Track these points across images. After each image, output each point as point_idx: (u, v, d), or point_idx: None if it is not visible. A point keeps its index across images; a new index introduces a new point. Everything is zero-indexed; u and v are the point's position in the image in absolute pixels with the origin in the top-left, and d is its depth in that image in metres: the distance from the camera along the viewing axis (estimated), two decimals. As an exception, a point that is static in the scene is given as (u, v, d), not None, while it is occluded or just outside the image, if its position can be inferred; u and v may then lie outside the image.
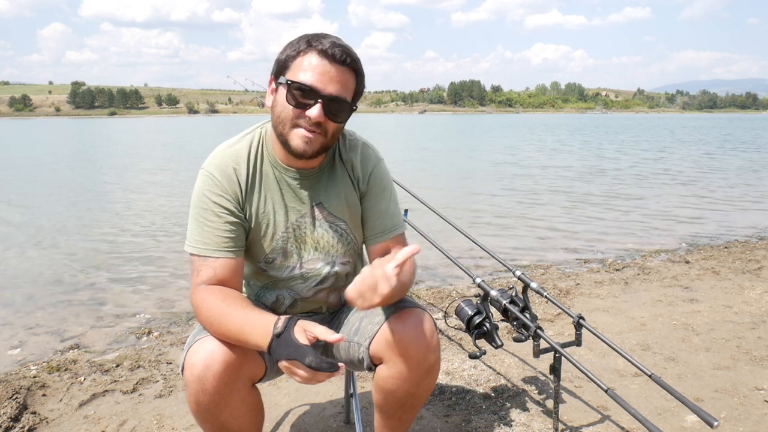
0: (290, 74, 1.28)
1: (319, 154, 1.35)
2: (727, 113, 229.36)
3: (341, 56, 1.27)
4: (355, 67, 1.30)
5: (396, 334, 1.34)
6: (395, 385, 1.39)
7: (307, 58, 1.27)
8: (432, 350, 1.36)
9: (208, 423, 1.30)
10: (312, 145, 1.30)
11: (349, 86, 1.30)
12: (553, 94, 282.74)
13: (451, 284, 4.01)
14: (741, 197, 8.46)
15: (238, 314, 1.24)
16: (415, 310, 1.38)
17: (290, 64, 1.29)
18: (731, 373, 2.43)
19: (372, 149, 1.51)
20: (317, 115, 1.26)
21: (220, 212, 1.35)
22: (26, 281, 4.39)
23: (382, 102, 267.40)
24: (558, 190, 9.47)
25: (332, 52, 1.26)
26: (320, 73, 1.26)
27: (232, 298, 1.29)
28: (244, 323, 1.22)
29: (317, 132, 1.29)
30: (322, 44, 1.27)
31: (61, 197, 9.06)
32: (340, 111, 1.30)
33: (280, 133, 1.32)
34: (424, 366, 1.36)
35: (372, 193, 1.48)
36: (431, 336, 1.36)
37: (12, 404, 2.18)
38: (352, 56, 1.29)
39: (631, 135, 32.54)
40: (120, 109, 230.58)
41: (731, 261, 4.46)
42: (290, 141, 1.30)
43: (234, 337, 1.23)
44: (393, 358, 1.36)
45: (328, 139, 1.33)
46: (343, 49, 1.27)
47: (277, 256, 1.45)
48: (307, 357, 1.12)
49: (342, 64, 1.27)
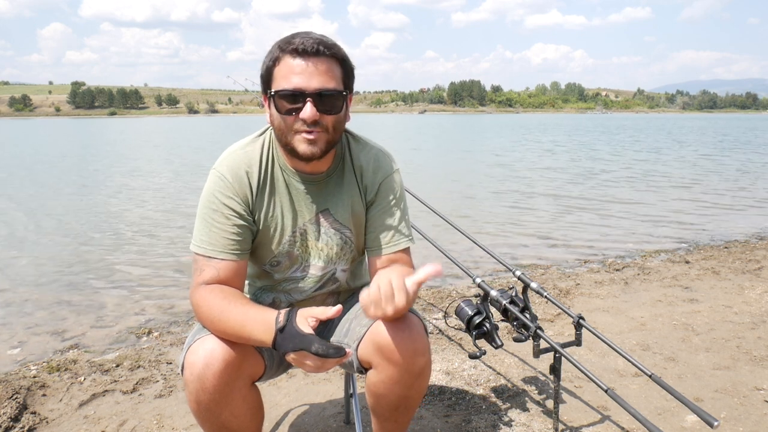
0: (274, 85, 1.28)
1: (328, 151, 1.33)
2: (727, 113, 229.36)
3: (313, 48, 1.24)
4: (333, 54, 1.27)
5: (382, 338, 1.31)
6: (386, 390, 1.36)
7: (284, 62, 1.26)
8: (420, 354, 1.32)
9: (208, 422, 1.30)
10: (318, 145, 1.29)
11: (333, 75, 1.27)
12: (553, 94, 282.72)
13: (451, 284, 4.01)
14: (741, 197, 8.46)
15: (238, 311, 1.23)
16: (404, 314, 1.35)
17: (271, 74, 1.28)
18: (731, 373, 2.43)
19: (387, 158, 1.48)
20: (310, 114, 1.25)
21: (229, 214, 1.34)
22: (26, 281, 4.39)
23: (382, 102, 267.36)
24: (558, 190, 9.47)
25: (303, 48, 1.24)
26: (299, 72, 1.24)
27: (232, 296, 1.29)
28: (245, 320, 1.22)
29: (317, 131, 1.28)
30: (293, 44, 1.25)
31: (61, 197, 9.06)
32: (333, 102, 1.28)
33: (285, 143, 1.31)
34: (413, 370, 1.32)
35: (380, 204, 1.45)
36: (419, 339, 1.32)
37: (12, 404, 2.18)
38: (326, 44, 1.26)
39: (631, 135, 32.54)
40: (120, 109, 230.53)
41: (731, 261, 4.46)
42: (296, 148, 1.29)
43: (235, 334, 1.23)
44: (381, 362, 1.33)
45: (331, 134, 1.31)
46: (314, 40, 1.25)
47: (283, 259, 1.45)
48: (313, 345, 1.12)
49: (318, 55, 1.25)
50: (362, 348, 1.39)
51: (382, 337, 1.31)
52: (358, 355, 1.41)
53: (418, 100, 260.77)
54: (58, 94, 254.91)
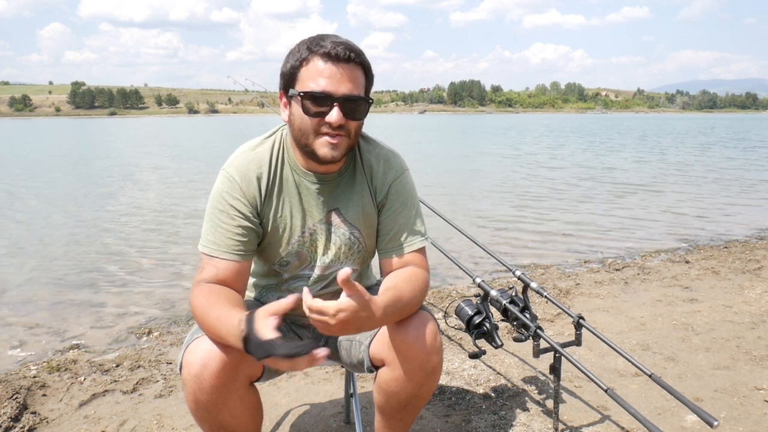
0: (300, 85, 1.27)
1: (345, 155, 1.35)
2: (727, 113, 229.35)
3: (345, 54, 1.25)
4: (360, 61, 1.28)
5: (398, 336, 1.33)
6: (398, 387, 1.38)
7: (312, 64, 1.26)
8: (435, 352, 1.35)
9: (206, 422, 1.30)
10: (339, 149, 1.29)
11: (359, 82, 1.29)
12: (552, 94, 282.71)
13: (451, 284, 4.01)
14: (741, 197, 8.47)
15: (216, 312, 1.22)
16: (417, 311, 1.37)
17: (297, 74, 1.28)
18: (731, 373, 2.43)
19: (397, 159, 1.48)
20: (337, 118, 1.25)
21: (235, 215, 1.34)
22: (26, 281, 4.39)
23: (382, 102, 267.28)
24: (558, 190, 9.47)
25: (335, 52, 1.24)
26: (329, 76, 1.24)
27: (217, 297, 1.26)
28: (219, 324, 1.20)
29: (341, 135, 1.28)
30: (324, 46, 1.25)
31: (61, 197, 9.05)
32: (358, 109, 1.29)
33: (304, 144, 1.31)
34: (426, 368, 1.35)
35: (392, 205, 1.45)
36: (434, 337, 1.34)
37: (12, 404, 2.18)
38: (356, 51, 1.27)
39: (630, 135, 32.52)
40: (120, 109, 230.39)
41: (731, 261, 4.46)
42: (317, 150, 1.29)
43: (216, 334, 1.22)
44: (395, 360, 1.35)
45: (351, 139, 1.32)
46: (345, 46, 1.25)
47: (292, 259, 1.45)
48: (277, 350, 1.07)
49: (348, 62, 1.26)
50: (375, 345, 1.40)
51: (399, 334, 1.32)
52: (370, 353, 1.42)
53: (418, 100, 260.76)
54: (58, 94, 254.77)
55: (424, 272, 1.42)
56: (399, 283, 1.33)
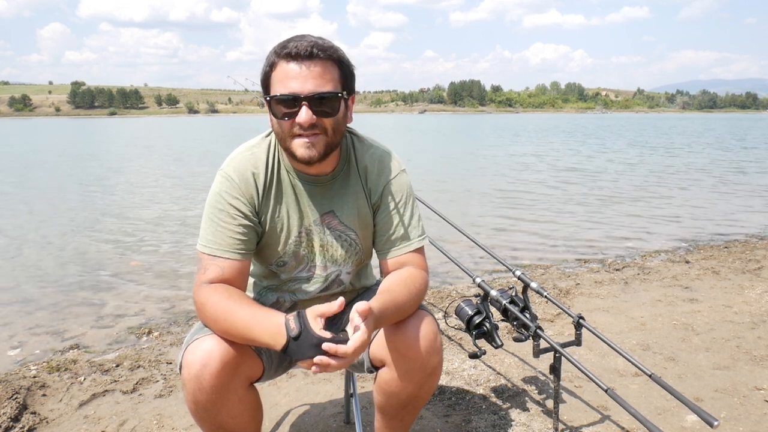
0: (272, 90, 1.28)
1: (328, 153, 1.33)
2: (727, 113, 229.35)
3: (307, 51, 1.24)
4: (328, 56, 1.26)
5: (398, 336, 1.33)
6: (398, 388, 1.38)
7: (279, 67, 1.26)
8: (435, 352, 1.35)
9: (206, 422, 1.30)
10: (316, 148, 1.29)
11: (329, 77, 1.26)
12: (553, 94, 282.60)
13: (451, 284, 4.01)
14: (741, 197, 8.47)
15: (244, 312, 1.23)
16: (417, 311, 1.37)
17: (269, 80, 1.29)
18: (731, 372, 2.43)
19: (392, 159, 1.47)
20: (306, 118, 1.24)
21: (235, 214, 1.35)
22: (26, 281, 4.39)
23: (382, 102, 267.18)
24: (558, 189, 9.47)
25: (296, 51, 1.24)
26: (293, 77, 1.24)
27: (237, 296, 1.28)
28: (252, 322, 1.21)
29: (316, 133, 1.28)
30: (287, 48, 1.25)
31: (61, 197, 9.05)
32: (330, 105, 1.27)
33: (285, 147, 1.32)
34: (427, 368, 1.35)
35: (387, 205, 1.45)
36: (434, 337, 1.35)
37: (12, 404, 2.18)
38: (321, 46, 1.25)
39: (630, 136, 32.53)
40: (120, 109, 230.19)
41: (731, 261, 4.46)
42: (295, 152, 1.29)
43: (240, 335, 1.23)
44: (395, 360, 1.35)
45: (330, 137, 1.30)
46: (308, 43, 1.24)
47: (289, 259, 1.45)
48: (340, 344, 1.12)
49: (312, 58, 1.24)
50: (375, 345, 1.40)
51: (399, 334, 1.33)
52: (370, 354, 1.42)
53: (418, 100, 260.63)
54: (57, 94, 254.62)
55: (421, 272, 1.42)
56: (393, 286, 1.33)
